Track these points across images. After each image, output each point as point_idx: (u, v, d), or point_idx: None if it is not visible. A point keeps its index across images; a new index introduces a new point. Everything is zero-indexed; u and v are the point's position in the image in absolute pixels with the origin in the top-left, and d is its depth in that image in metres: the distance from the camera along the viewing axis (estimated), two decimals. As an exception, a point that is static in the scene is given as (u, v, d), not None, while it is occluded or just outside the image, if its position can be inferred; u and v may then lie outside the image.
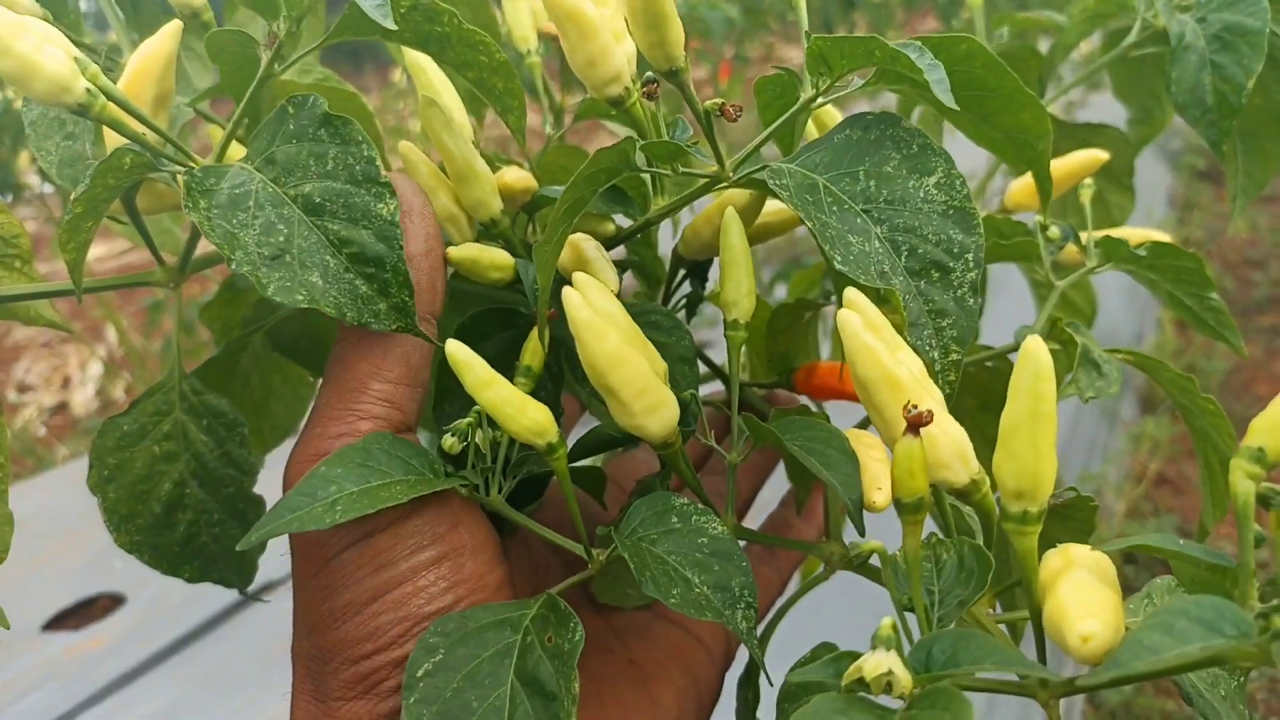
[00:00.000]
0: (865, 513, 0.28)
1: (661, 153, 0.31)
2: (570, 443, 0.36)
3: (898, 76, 0.30)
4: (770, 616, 0.35)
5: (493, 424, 0.31)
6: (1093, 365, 0.36)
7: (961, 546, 0.25)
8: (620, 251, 0.50)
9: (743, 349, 0.35)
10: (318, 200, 0.30)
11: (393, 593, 0.29)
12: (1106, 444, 1.84)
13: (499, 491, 0.32)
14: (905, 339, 0.27)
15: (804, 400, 0.46)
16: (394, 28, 0.26)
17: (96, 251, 2.56)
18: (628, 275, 0.44)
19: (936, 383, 0.28)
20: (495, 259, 0.35)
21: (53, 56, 0.29)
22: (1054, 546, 0.38)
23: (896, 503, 0.22)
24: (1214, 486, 0.40)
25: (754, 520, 0.44)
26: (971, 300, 0.28)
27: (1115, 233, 0.47)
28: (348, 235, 0.30)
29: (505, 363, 0.37)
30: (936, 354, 0.28)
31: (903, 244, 0.28)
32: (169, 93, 0.35)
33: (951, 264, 0.28)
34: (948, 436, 0.24)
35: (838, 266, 0.27)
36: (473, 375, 0.29)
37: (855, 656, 0.21)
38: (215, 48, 0.35)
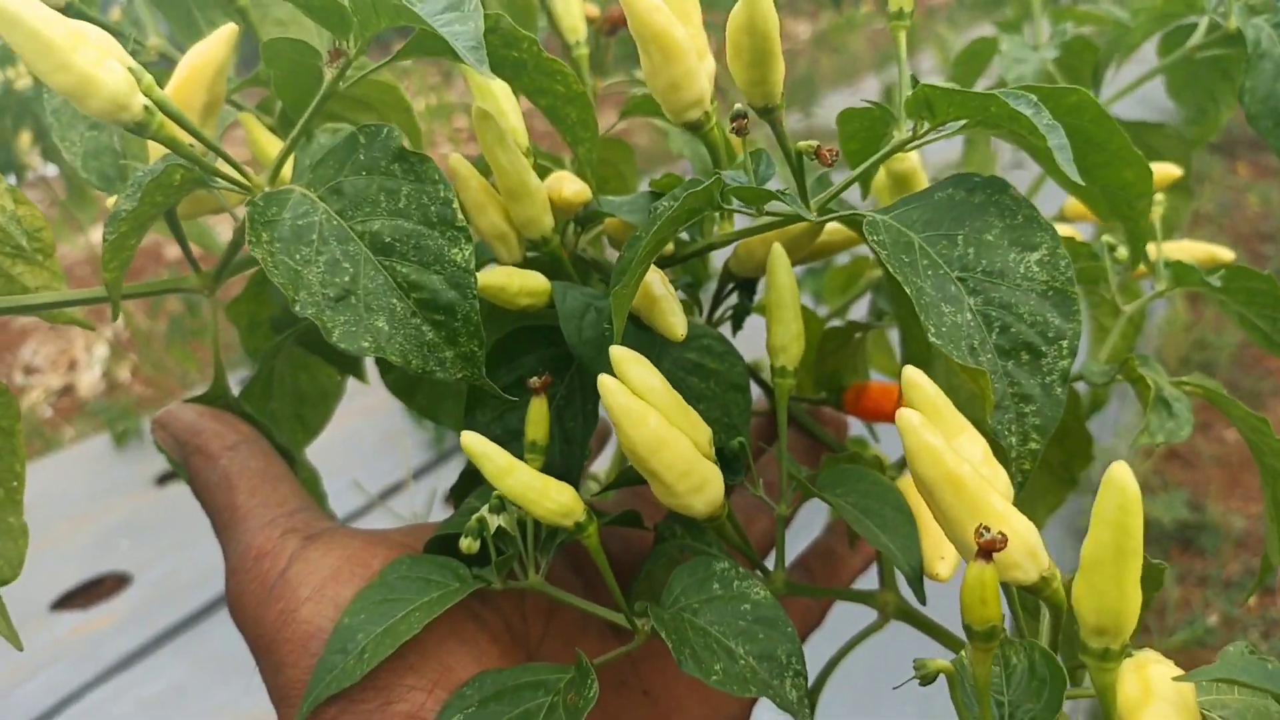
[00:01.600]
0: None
1: (751, 197, 0.29)
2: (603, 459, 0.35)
3: (999, 124, 0.29)
4: (820, 671, 0.35)
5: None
6: (1163, 405, 0.35)
7: (1033, 652, 0.24)
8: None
9: (802, 345, 0.34)
10: (387, 240, 0.28)
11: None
12: (1117, 418, 1.85)
13: (536, 572, 0.31)
14: (987, 419, 0.26)
15: (852, 420, 0.45)
16: (489, 74, 0.24)
17: (97, 235, 2.51)
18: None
19: (1009, 470, 0.27)
20: (526, 284, 0.33)
21: (111, 71, 0.26)
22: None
23: (966, 629, 0.21)
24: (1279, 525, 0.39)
25: (794, 540, 0.43)
26: (1060, 390, 0.27)
27: (1175, 246, 0.45)
28: (418, 279, 0.28)
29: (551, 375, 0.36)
30: (1015, 439, 0.27)
31: (996, 320, 0.27)
32: (219, 100, 0.33)
33: (1044, 348, 0.27)
34: (1016, 535, 0.24)
35: (932, 339, 0.26)
36: (491, 465, 0.28)
37: None
38: (272, 53, 0.33)
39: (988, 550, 0.21)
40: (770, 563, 0.33)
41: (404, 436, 1.66)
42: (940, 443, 0.24)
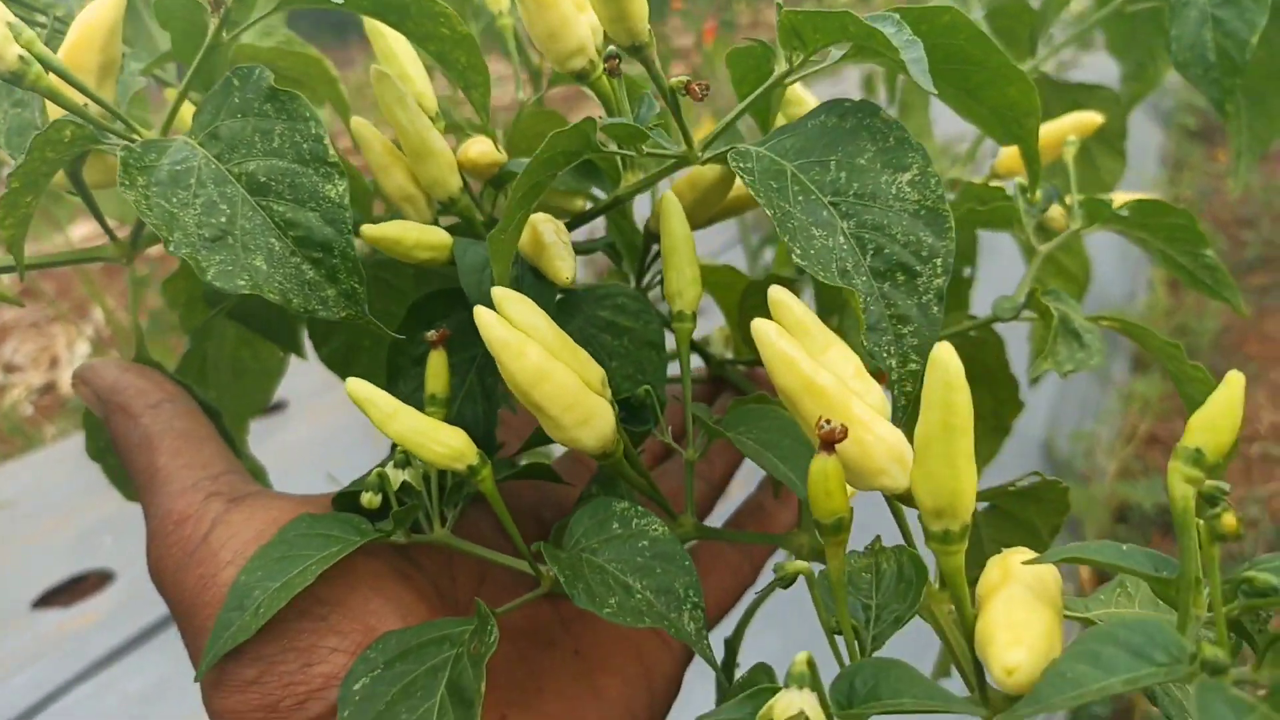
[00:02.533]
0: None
1: (623, 134, 0.29)
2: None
3: (875, 51, 0.29)
4: (741, 616, 0.35)
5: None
6: (1073, 335, 0.35)
7: (902, 556, 0.23)
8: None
9: (699, 289, 0.33)
10: (263, 179, 0.29)
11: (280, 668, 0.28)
12: (1098, 403, 1.84)
13: (443, 525, 0.31)
14: (862, 341, 0.26)
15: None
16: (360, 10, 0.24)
17: (83, 231, 2.53)
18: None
19: (893, 392, 0.26)
20: (424, 238, 0.33)
21: (-23, 22, 0.27)
22: (1030, 527, 0.38)
23: (815, 523, 0.21)
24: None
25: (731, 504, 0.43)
26: (936, 308, 0.26)
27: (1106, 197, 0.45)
28: (294, 217, 0.28)
29: (464, 341, 0.36)
30: (894, 362, 0.26)
31: (869, 242, 0.27)
32: (115, 61, 0.34)
33: (919, 268, 0.26)
34: (883, 443, 0.23)
35: (796, 260, 0.26)
36: (376, 410, 0.28)
37: (775, 692, 0.20)
38: (163, 14, 0.34)
39: (829, 441, 0.21)
40: (682, 512, 0.33)
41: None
42: (795, 349, 0.23)
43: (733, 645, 0.34)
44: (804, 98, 0.38)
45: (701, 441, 0.33)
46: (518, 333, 0.27)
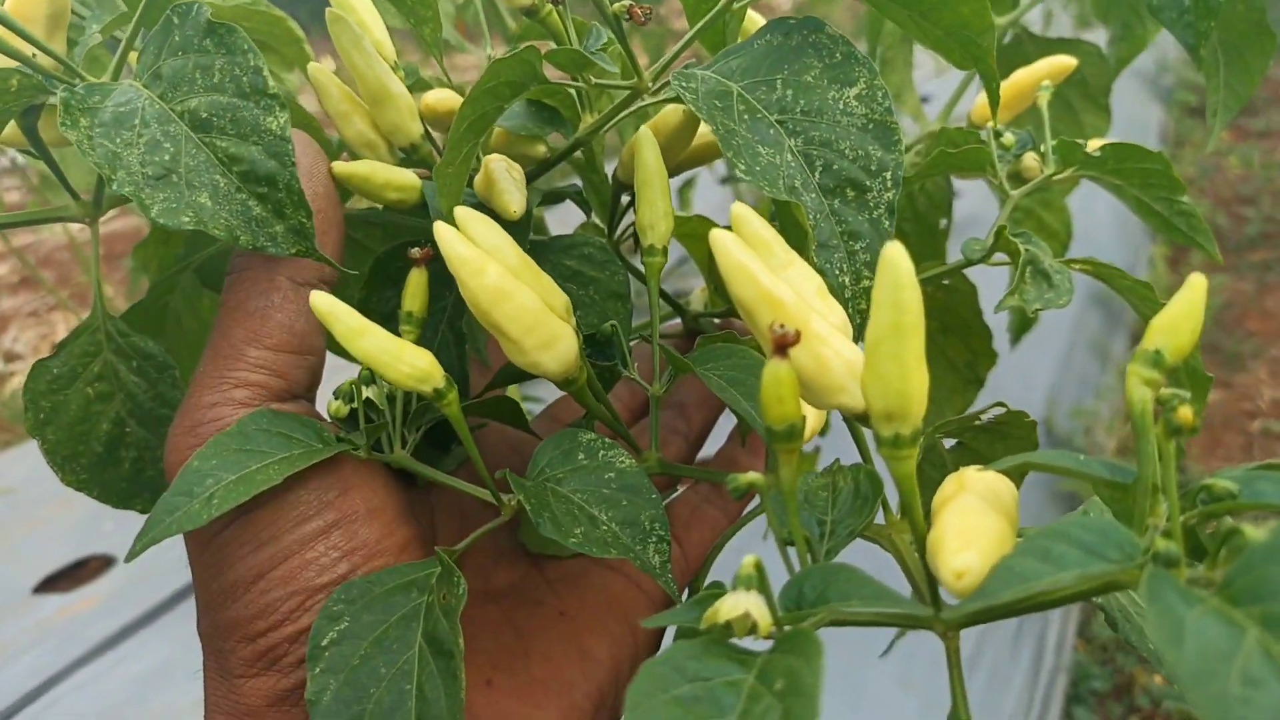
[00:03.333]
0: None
1: (567, 61, 0.29)
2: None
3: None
4: (708, 553, 0.34)
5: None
6: (1041, 276, 0.34)
7: (858, 473, 0.23)
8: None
9: (671, 224, 0.33)
10: (205, 115, 0.28)
11: (279, 568, 0.27)
12: (1098, 381, 1.83)
13: (403, 446, 0.30)
14: (812, 257, 0.26)
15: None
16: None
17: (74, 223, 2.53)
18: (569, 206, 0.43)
19: (847, 310, 0.26)
20: (393, 178, 0.33)
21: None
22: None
23: (768, 430, 0.20)
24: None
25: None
26: (887, 223, 0.26)
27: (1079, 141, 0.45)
28: (237, 152, 0.28)
29: (434, 293, 0.35)
30: (847, 279, 0.26)
31: (817, 159, 0.26)
32: (64, 11, 0.33)
33: (869, 182, 0.26)
34: (841, 358, 0.23)
35: (740, 175, 0.25)
36: (342, 326, 0.27)
37: (719, 595, 0.20)
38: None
39: (781, 345, 0.20)
40: (647, 448, 0.33)
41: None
42: (756, 263, 0.23)
43: (698, 583, 0.34)
44: (758, 22, 0.38)
45: (667, 377, 0.33)
46: (479, 250, 0.27)
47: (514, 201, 0.31)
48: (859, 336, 0.27)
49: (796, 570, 0.22)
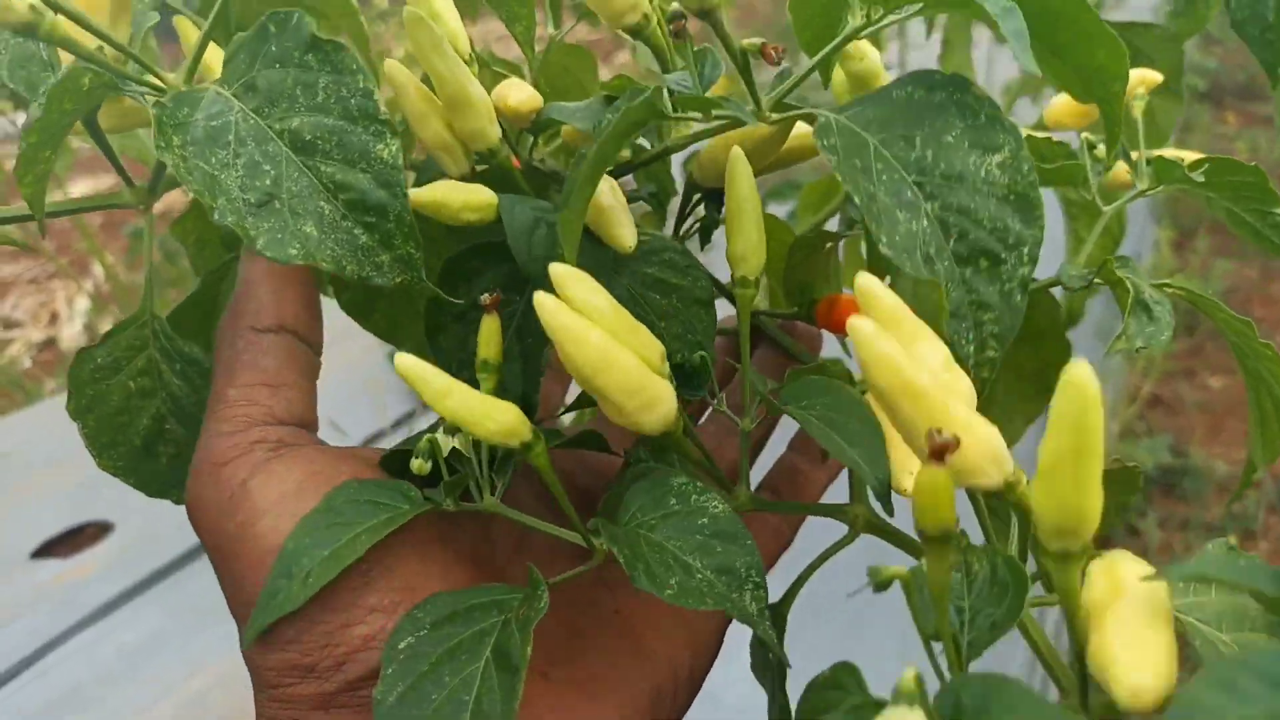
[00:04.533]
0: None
1: (696, 105, 0.27)
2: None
3: (958, 4, 0.27)
4: (789, 586, 0.34)
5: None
6: (1143, 308, 0.33)
7: (995, 557, 0.23)
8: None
9: (764, 254, 0.32)
10: (308, 138, 0.27)
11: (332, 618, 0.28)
12: (1102, 364, 1.85)
13: (493, 493, 0.30)
14: (944, 327, 0.25)
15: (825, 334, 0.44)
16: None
17: (81, 188, 2.45)
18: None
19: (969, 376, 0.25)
20: (470, 200, 0.31)
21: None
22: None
23: (920, 533, 0.20)
24: (1265, 431, 0.38)
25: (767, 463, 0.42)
26: (1019, 297, 0.25)
27: (1160, 155, 0.44)
28: (344, 179, 0.26)
29: (505, 296, 0.34)
30: (972, 348, 0.25)
31: (954, 226, 0.25)
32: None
33: (1004, 255, 0.25)
34: (979, 440, 0.22)
35: (883, 250, 0.24)
36: (429, 388, 0.26)
37: (877, 708, 0.20)
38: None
39: (940, 452, 0.20)
40: (737, 484, 0.32)
41: (383, 383, 1.65)
42: (895, 350, 0.22)
43: (781, 612, 0.34)
44: (865, 51, 0.36)
45: (759, 413, 0.33)
46: (580, 318, 0.26)
47: (628, 235, 0.30)
48: (979, 405, 0.26)
49: (940, 664, 0.22)
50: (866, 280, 0.25)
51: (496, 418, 0.27)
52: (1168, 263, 2.19)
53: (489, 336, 0.30)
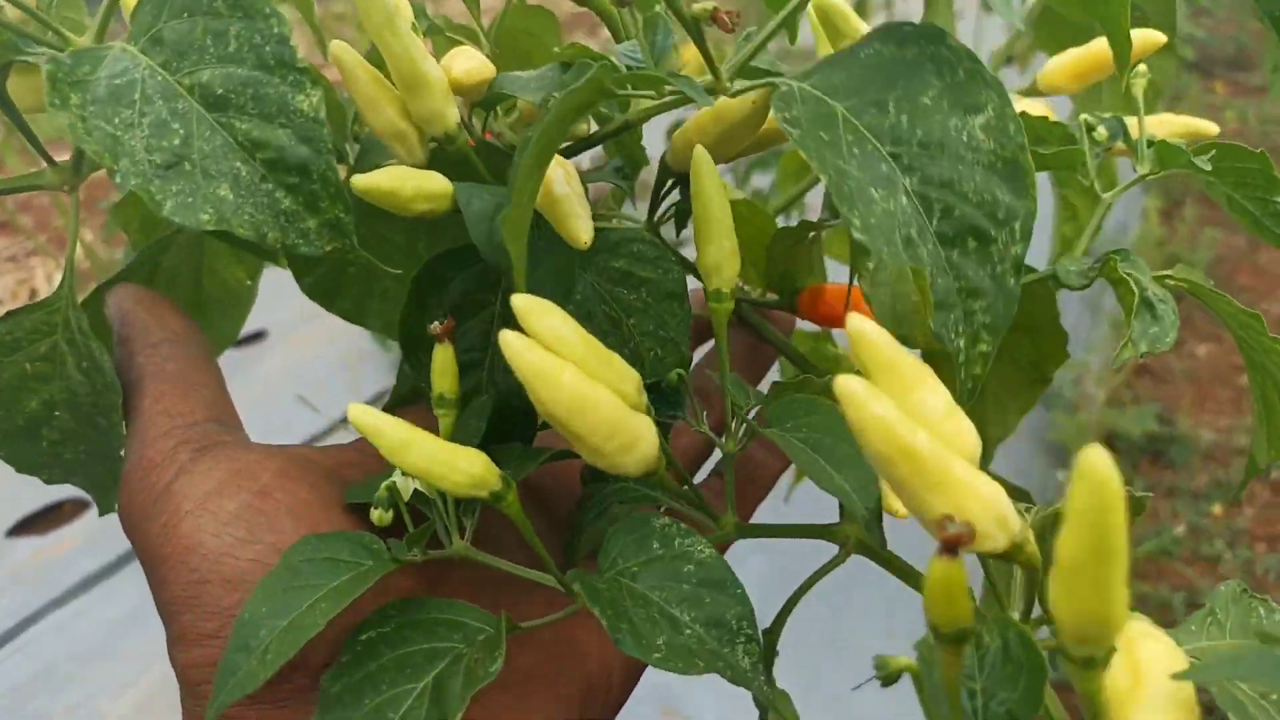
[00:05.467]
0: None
1: (645, 83, 0.25)
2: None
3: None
4: (776, 614, 0.31)
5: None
6: (1147, 308, 0.31)
7: (1007, 632, 0.20)
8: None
9: (738, 263, 0.30)
10: (220, 91, 0.24)
11: None
12: (1089, 334, 1.83)
13: (462, 536, 0.28)
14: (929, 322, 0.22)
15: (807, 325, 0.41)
16: None
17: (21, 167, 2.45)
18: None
19: (959, 376, 0.23)
20: (423, 187, 0.28)
21: None
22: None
23: (933, 629, 0.17)
24: (1270, 424, 0.36)
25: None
26: (1012, 280, 0.22)
27: (1155, 121, 0.41)
28: (261, 136, 0.24)
29: (480, 299, 0.32)
30: (963, 342, 0.23)
31: (936, 202, 0.22)
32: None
33: (994, 232, 0.22)
34: (983, 503, 0.19)
35: (857, 235, 0.21)
36: (386, 441, 0.24)
37: None
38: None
39: (953, 545, 0.17)
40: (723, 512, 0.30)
41: (358, 358, 1.63)
42: (890, 413, 0.19)
43: (771, 640, 0.31)
44: (852, 21, 0.33)
45: (743, 437, 0.30)
46: (550, 357, 0.23)
47: (584, 229, 0.27)
48: (965, 402, 0.23)
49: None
50: (857, 322, 0.22)
51: (462, 469, 0.25)
52: (1155, 232, 2.17)
53: (443, 367, 0.27)
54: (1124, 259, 0.31)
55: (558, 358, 0.23)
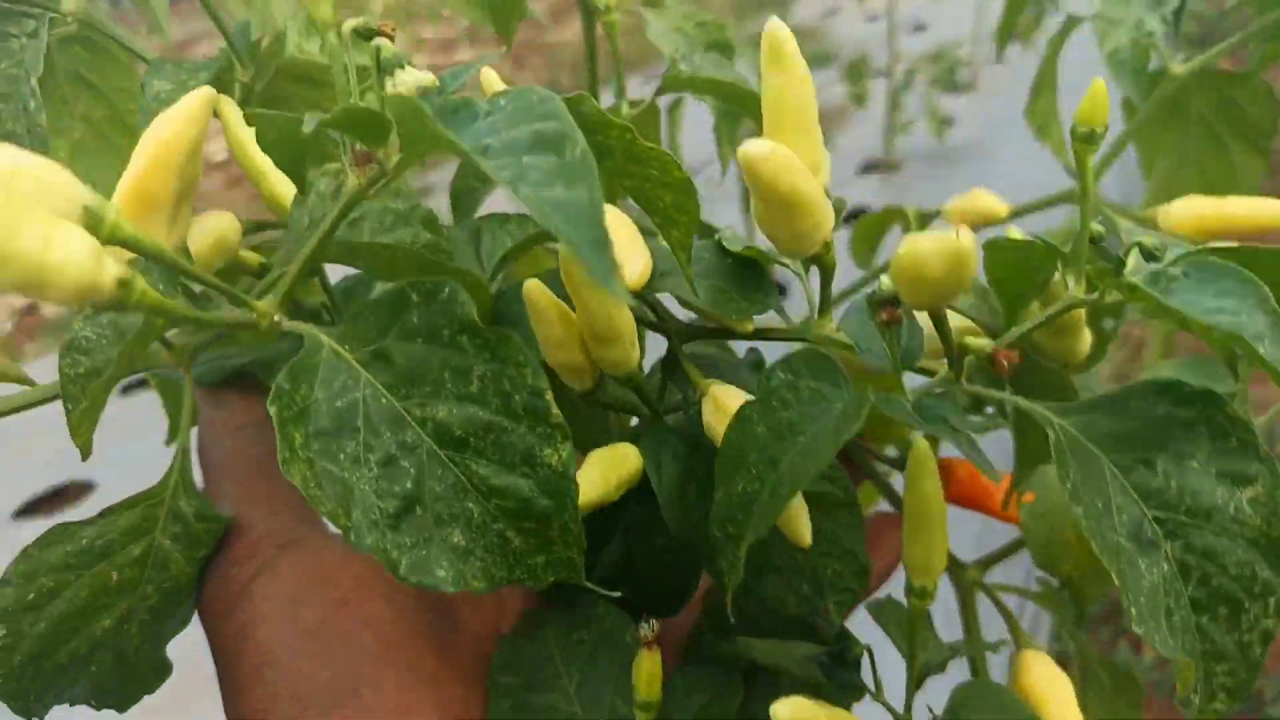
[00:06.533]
0: None
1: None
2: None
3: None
4: None
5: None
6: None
7: None
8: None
9: (945, 560, 0.29)
10: (458, 433, 0.22)
11: None
12: None
13: None
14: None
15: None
16: (616, 290, 0.17)
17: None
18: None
19: None
20: (622, 474, 0.27)
21: (69, 249, 0.19)
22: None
23: None
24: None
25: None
26: (1259, 651, 0.23)
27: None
28: (500, 484, 0.22)
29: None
30: (1199, 699, 0.23)
31: (1195, 570, 0.23)
32: (193, 184, 0.25)
33: (1247, 604, 0.23)
34: None
35: (1131, 616, 0.21)
36: None
37: None
38: (261, 123, 0.25)
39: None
40: None
41: None
42: None
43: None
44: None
45: None
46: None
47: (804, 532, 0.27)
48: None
49: None
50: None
51: None
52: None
53: (649, 676, 0.26)
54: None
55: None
